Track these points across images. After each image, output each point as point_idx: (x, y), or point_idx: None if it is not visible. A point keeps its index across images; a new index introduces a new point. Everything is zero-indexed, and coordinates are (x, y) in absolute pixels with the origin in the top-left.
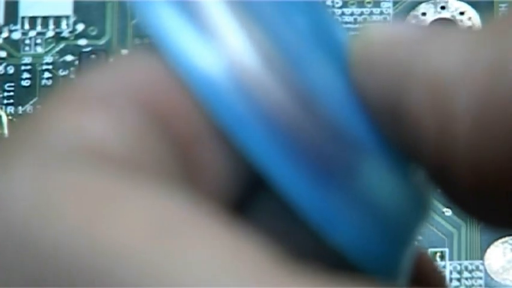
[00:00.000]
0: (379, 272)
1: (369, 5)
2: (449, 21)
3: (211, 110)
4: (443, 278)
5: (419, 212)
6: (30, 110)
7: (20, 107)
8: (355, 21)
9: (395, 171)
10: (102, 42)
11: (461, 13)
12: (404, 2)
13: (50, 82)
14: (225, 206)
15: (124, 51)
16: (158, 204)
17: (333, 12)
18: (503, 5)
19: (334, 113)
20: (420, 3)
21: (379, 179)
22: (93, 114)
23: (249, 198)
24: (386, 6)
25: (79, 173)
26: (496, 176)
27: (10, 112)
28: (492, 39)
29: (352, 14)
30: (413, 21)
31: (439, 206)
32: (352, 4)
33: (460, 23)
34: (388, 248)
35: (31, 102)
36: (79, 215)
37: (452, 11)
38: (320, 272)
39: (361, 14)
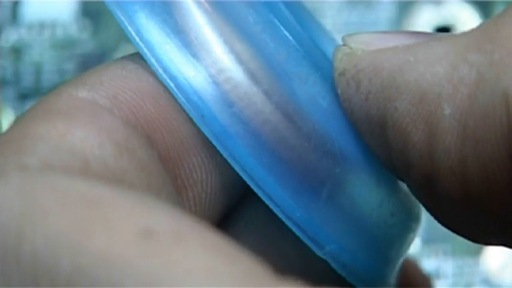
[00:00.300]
0: (366, 283)
1: (370, 7)
2: (449, 22)
3: (197, 123)
4: (428, 279)
5: (408, 225)
6: None
7: (21, 111)
8: (356, 24)
9: (383, 185)
10: (105, 45)
11: (461, 13)
12: (404, 2)
13: (52, 86)
14: (213, 217)
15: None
16: (147, 214)
17: (334, 15)
18: (502, 6)
19: (320, 127)
20: (420, 3)
21: (366, 193)
22: (80, 125)
23: (236, 209)
24: (387, 8)
25: (64, 183)
26: (485, 186)
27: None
28: (477, 45)
29: (352, 16)
30: (413, 22)
31: None
32: (353, 6)
33: (459, 23)
34: (375, 260)
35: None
36: (65, 222)
37: (452, 11)
38: (304, 281)
39: (362, 16)
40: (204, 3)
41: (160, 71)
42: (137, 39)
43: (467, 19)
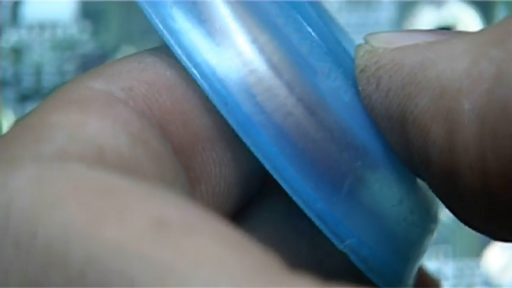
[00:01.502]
0: (384, 279)
1: (370, 8)
2: (449, 23)
3: (221, 111)
4: (437, 280)
5: (426, 225)
6: None
7: (22, 112)
8: (356, 24)
9: (403, 182)
10: (105, 46)
11: (461, 14)
12: (405, 3)
13: (52, 87)
14: (225, 212)
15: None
16: (161, 205)
17: (335, 15)
18: (503, 6)
19: (342, 120)
20: (421, 4)
21: (387, 189)
22: (95, 115)
23: (250, 206)
24: (387, 8)
25: (78, 172)
26: (503, 180)
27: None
28: (497, 41)
29: (352, 17)
30: (414, 23)
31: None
32: (353, 7)
33: (460, 24)
34: (394, 257)
35: (33, 106)
36: (79, 211)
37: (453, 12)
38: (317, 278)
39: (362, 16)
40: None
41: (184, 58)
42: (161, 26)
43: (468, 20)
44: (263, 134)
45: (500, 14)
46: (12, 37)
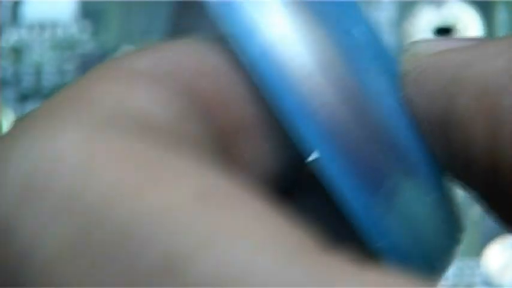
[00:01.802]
0: None
1: (370, 7)
2: (449, 23)
3: (270, 98)
4: None
5: (454, 235)
6: None
7: (22, 111)
8: None
9: (438, 190)
10: (105, 46)
11: (461, 14)
12: (405, 3)
13: (52, 86)
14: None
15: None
16: (204, 177)
17: None
18: (503, 6)
19: (386, 125)
20: (421, 4)
21: (423, 196)
22: (140, 88)
23: (284, 196)
24: (387, 8)
25: (124, 138)
26: None
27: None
28: None
29: None
30: (414, 23)
31: None
32: None
33: (460, 24)
34: (422, 265)
35: (34, 106)
36: (122, 177)
37: (453, 12)
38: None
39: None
40: None
41: (239, 43)
42: (220, 9)
43: (468, 20)
44: (310, 127)
45: (500, 14)
46: (12, 37)
